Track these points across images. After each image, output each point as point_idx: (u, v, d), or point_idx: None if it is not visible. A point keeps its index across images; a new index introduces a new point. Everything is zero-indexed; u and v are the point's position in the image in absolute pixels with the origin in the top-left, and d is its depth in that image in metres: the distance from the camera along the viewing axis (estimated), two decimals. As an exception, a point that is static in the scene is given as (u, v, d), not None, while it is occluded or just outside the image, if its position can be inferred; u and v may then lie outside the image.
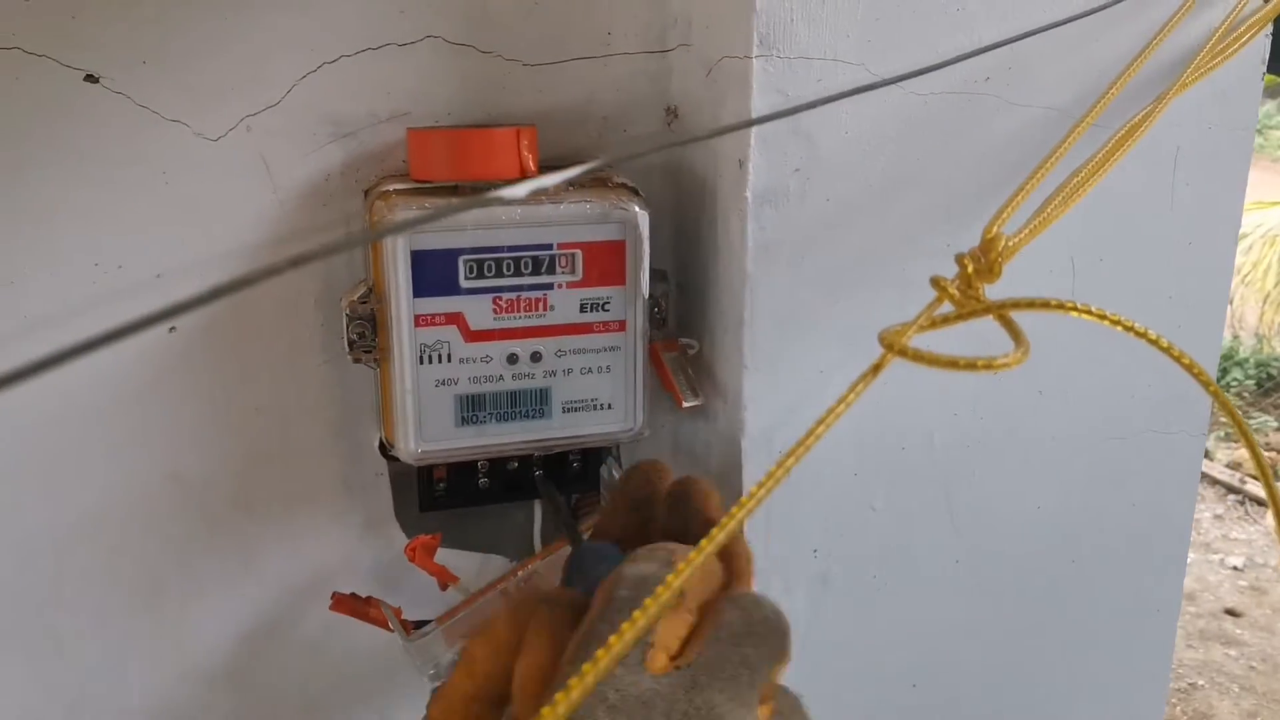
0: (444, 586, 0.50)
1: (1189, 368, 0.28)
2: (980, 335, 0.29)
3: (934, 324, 0.28)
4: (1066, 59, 0.46)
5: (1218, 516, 4.01)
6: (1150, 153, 0.49)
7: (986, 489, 0.52)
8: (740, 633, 0.32)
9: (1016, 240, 0.30)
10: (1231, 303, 4.72)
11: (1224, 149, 0.50)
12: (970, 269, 0.28)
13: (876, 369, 0.26)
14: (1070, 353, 0.51)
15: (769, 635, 0.32)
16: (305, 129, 0.46)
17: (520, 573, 0.48)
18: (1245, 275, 4.55)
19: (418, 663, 0.48)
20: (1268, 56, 0.49)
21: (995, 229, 0.29)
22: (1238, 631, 3.41)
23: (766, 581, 0.50)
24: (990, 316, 0.28)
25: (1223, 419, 4.14)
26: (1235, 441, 4.33)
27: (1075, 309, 0.28)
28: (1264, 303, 4.57)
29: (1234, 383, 4.63)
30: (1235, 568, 3.72)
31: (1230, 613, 3.50)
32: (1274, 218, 4.49)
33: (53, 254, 0.44)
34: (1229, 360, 4.71)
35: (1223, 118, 0.49)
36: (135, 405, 0.47)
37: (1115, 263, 0.50)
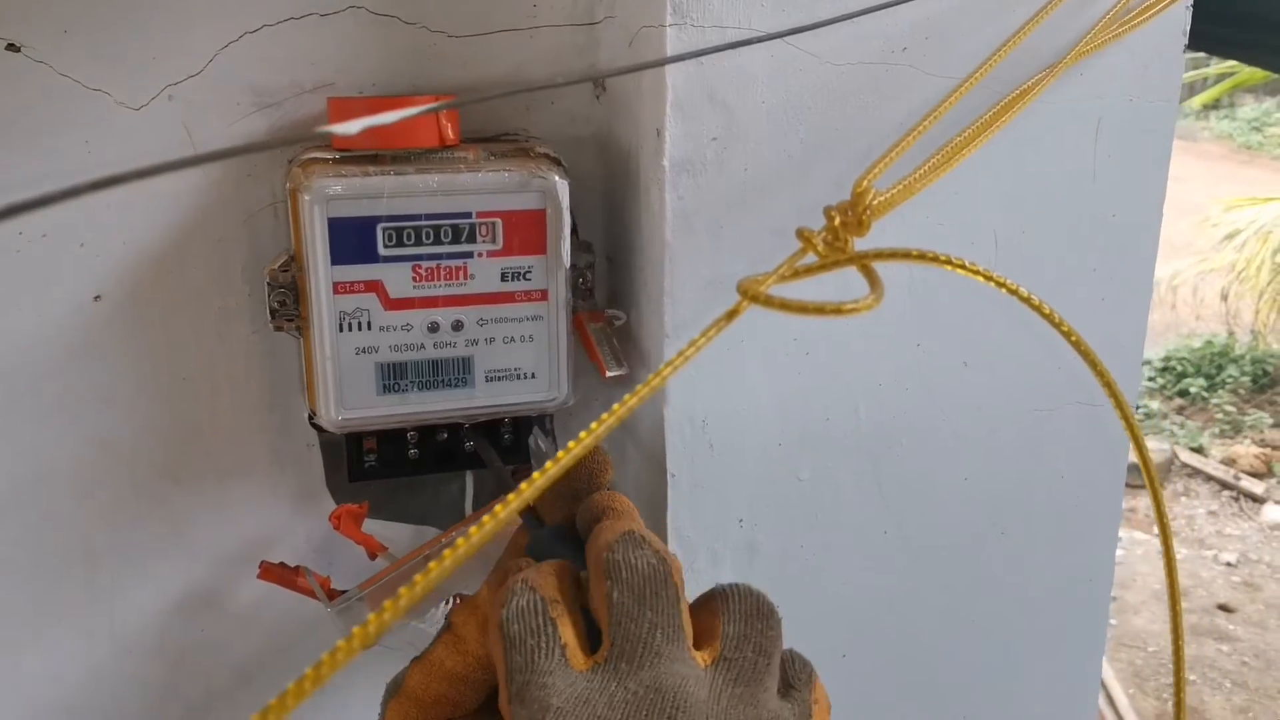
0: (373, 555, 0.50)
1: (1048, 317, 0.28)
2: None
3: (797, 274, 0.28)
4: (983, 30, 0.46)
5: (1211, 513, 4.00)
6: (1071, 126, 0.49)
7: (914, 459, 0.52)
8: (760, 644, 0.34)
9: (887, 196, 0.30)
10: (1226, 299, 4.72)
11: (1146, 121, 0.50)
12: (837, 221, 0.29)
13: (731, 315, 0.26)
14: (994, 324, 0.51)
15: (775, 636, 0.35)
16: (228, 99, 0.46)
17: (445, 539, 0.49)
18: (1240, 271, 4.55)
19: (342, 629, 0.48)
20: (1188, 29, 0.49)
21: (865, 183, 0.29)
22: (1230, 627, 3.41)
23: (693, 552, 0.50)
24: (856, 268, 0.29)
25: (1218, 416, 4.13)
26: (1229, 437, 4.33)
27: (937, 259, 0.28)
28: (1259, 299, 4.57)
29: (1229, 379, 4.63)
30: (1228, 563, 3.72)
31: (1223, 608, 3.50)
32: (1267, 214, 4.49)
33: (-23, 222, 0.45)
34: (1225, 357, 4.71)
35: (1144, 90, 0.49)
36: (62, 373, 0.47)
37: (1037, 236, 0.50)
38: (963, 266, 0.28)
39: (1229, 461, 4.22)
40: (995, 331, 0.51)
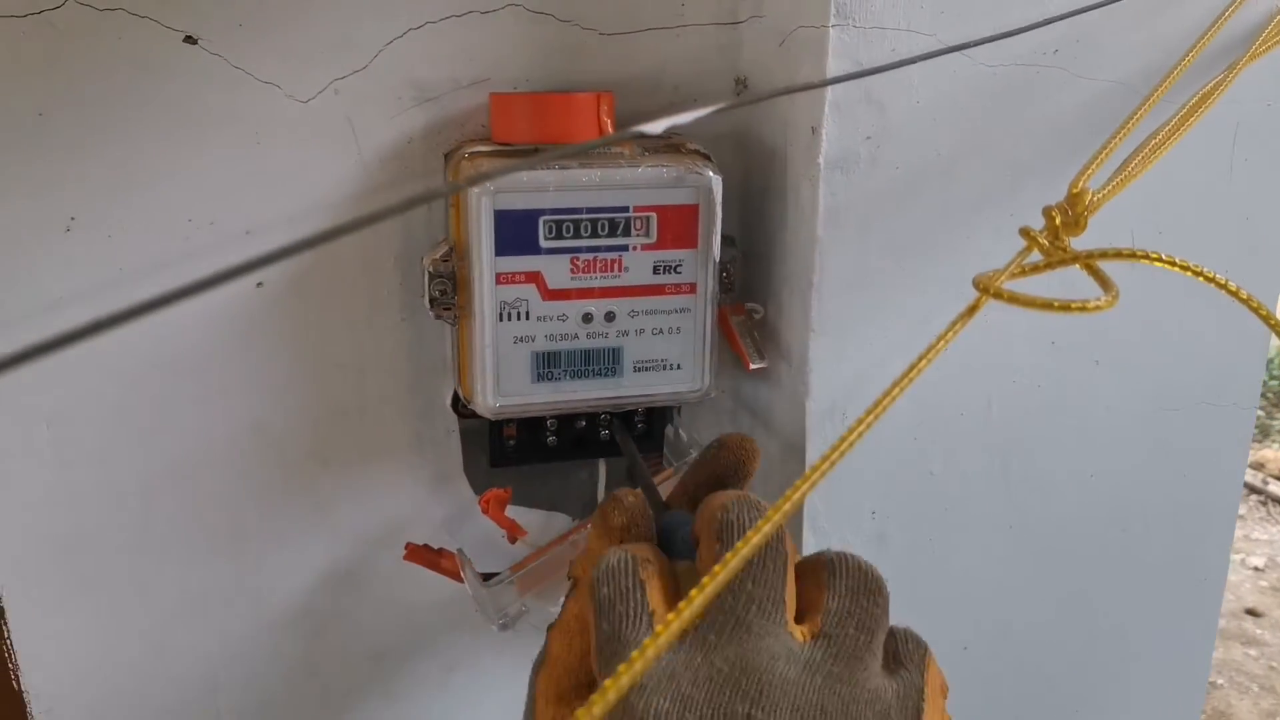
0: (513, 539, 0.51)
1: (1266, 319, 0.29)
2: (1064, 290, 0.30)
3: (1023, 272, 0.29)
4: (1132, 34, 0.47)
5: (1239, 516, 3.99)
6: (1210, 128, 0.50)
7: (1041, 456, 0.53)
8: (863, 621, 0.33)
9: (1101, 195, 0.31)
10: (1258, 302, 4.69)
11: (1283, 126, 0.51)
12: (1058, 220, 0.30)
13: (972, 310, 0.27)
14: (1127, 324, 0.52)
15: (880, 614, 0.34)
16: (390, 93, 0.48)
17: (589, 526, 0.50)
18: (1272, 275, 4.52)
19: (489, 611, 0.49)
20: (1328, 35, 0.49)
21: (1081, 184, 0.30)
22: (1258, 631, 3.40)
23: (825, 541, 0.51)
24: (1076, 266, 0.30)
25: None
26: (1257, 441, 4.31)
27: (1159, 260, 0.29)
28: (1290, 302, 4.54)
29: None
30: (1256, 568, 3.71)
31: (1251, 612, 3.49)
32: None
33: (148, 209, 0.46)
34: (1254, 360, 4.68)
35: (1282, 95, 0.50)
36: (223, 358, 0.49)
37: (1174, 236, 0.51)
38: (1186, 268, 0.29)
39: (1257, 466, 4.20)
40: (1126, 331, 0.52)
